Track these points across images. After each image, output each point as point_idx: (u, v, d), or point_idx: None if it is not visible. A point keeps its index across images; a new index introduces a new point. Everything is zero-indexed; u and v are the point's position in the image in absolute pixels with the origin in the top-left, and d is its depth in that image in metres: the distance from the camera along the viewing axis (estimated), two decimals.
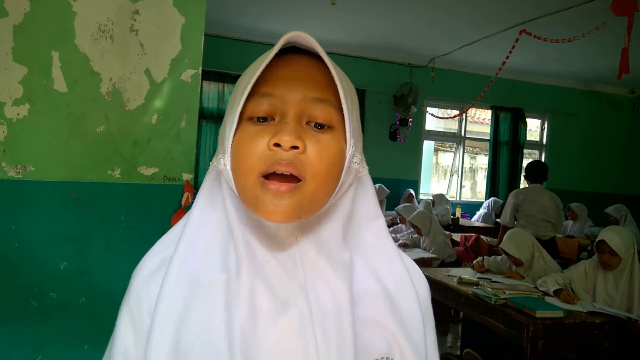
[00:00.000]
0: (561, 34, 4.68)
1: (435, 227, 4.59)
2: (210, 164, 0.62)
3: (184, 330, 0.56)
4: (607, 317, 2.62)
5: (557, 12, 4.62)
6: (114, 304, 0.62)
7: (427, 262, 4.22)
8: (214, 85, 6.11)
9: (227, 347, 0.54)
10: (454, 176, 7.75)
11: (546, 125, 7.98)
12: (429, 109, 7.20)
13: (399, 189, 6.75)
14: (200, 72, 2.21)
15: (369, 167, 0.64)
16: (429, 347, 0.63)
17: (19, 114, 1.93)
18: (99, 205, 2.07)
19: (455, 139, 7.72)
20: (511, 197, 4.36)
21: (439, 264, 4.37)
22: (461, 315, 3.75)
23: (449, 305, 3.52)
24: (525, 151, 7.76)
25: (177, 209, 2.17)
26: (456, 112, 7.16)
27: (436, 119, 7.52)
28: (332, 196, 0.57)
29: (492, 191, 7.47)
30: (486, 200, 7.29)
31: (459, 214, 6.58)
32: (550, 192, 4.31)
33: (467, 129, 7.76)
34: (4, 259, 1.93)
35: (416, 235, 4.69)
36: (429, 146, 8.14)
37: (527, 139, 7.70)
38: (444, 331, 4.07)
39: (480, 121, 8.70)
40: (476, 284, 3.09)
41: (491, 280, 3.22)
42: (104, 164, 2.07)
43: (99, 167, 2.06)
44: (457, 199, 7.62)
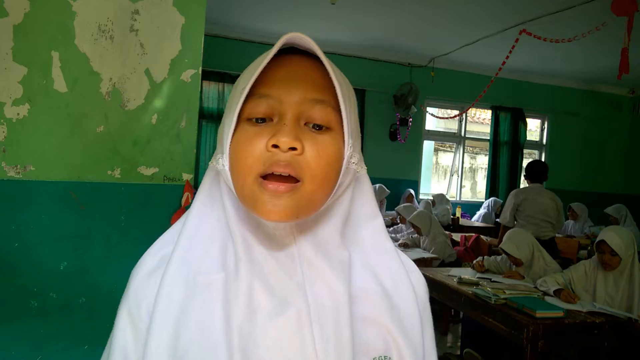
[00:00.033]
0: (561, 34, 4.68)
1: (435, 227, 4.59)
2: (209, 163, 0.62)
3: (182, 328, 0.56)
4: (607, 317, 2.62)
5: (557, 12, 4.62)
6: (114, 304, 0.62)
7: (427, 262, 4.22)
8: (214, 85, 6.11)
9: (225, 345, 0.54)
10: (454, 176, 7.75)
11: (546, 125, 7.98)
12: (429, 109, 7.20)
13: (399, 189, 6.75)
14: (200, 72, 2.21)
15: (369, 167, 0.64)
16: (427, 346, 0.64)
17: (18, 114, 1.93)
18: (99, 205, 2.07)
19: (455, 139, 7.72)
20: (511, 196, 4.34)
21: (439, 264, 4.37)
22: (461, 315, 3.75)
23: (449, 305, 3.52)
24: (525, 151, 7.76)
25: (177, 209, 2.17)
26: (456, 112, 7.16)
27: (436, 119, 7.52)
28: (330, 196, 0.58)
29: (492, 191, 7.47)
30: (486, 200, 7.30)
31: (459, 214, 6.58)
32: (550, 192, 4.30)
33: (467, 129, 7.76)
34: (4, 259, 1.93)
35: (416, 235, 4.69)
36: (429, 146, 8.14)
37: (527, 139, 7.70)
38: (444, 331, 4.07)
39: (480, 121, 8.71)
40: (476, 284, 3.09)
41: (491, 280, 3.22)
42: (104, 164, 2.06)
43: (98, 167, 2.06)
44: (457, 199, 7.62)
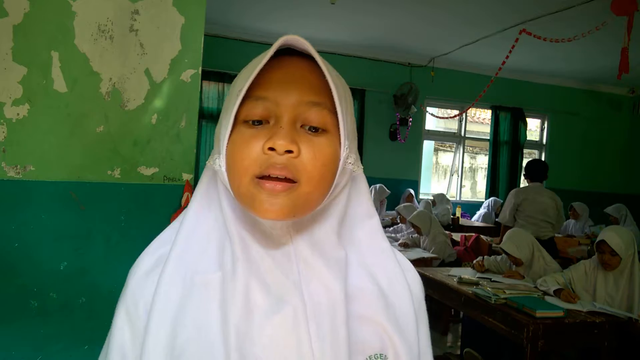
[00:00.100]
0: (561, 34, 4.68)
1: (435, 226, 4.60)
2: (206, 163, 0.63)
3: (180, 327, 0.56)
4: (607, 317, 2.62)
5: (557, 11, 4.62)
6: (114, 304, 0.62)
7: (427, 262, 4.22)
8: (213, 85, 6.11)
9: (222, 344, 0.55)
10: (454, 176, 7.75)
11: (546, 124, 7.98)
12: (429, 109, 7.20)
13: (399, 188, 6.75)
14: (200, 72, 2.21)
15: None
16: (422, 344, 0.64)
17: (18, 114, 1.93)
18: (99, 205, 2.07)
19: (455, 139, 7.71)
20: (511, 196, 4.33)
21: (439, 263, 4.37)
22: (461, 315, 3.75)
23: (449, 305, 3.52)
24: (525, 151, 7.76)
25: (177, 209, 2.17)
26: (456, 112, 7.16)
27: (436, 119, 7.52)
28: (326, 196, 0.58)
29: (492, 191, 7.48)
30: (486, 200, 7.30)
31: (459, 213, 6.58)
32: (550, 191, 4.30)
33: (467, 129, 7.76)
34: (4, 259, 1.93)
35: (416, 235, 4.70)
36: (429, 146, 8.14)
37: (527, 138, 7.69)
38: (444, 331, 4.07)
39: (480, 121, 8.71)
40: (476, 284, 3.09)
41: (491, 279, 3.22)
42: (104, 164, 2.07)
43: (98, 167, 2.06)
44: (457, 199, 7.62)
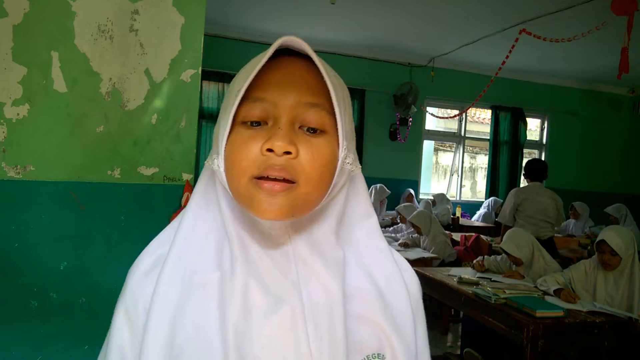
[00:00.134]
0: (561, 34, 4.68)
1: (435, 226, 4.60)
2: (204, 162, 0.63)
3: (178, 327, 0.56)
4: (608, 317, 2.62)
5: (557, 11, 4.62)
6: (114, 304, 0.62)
7: (427, 262, 4.22)
8: (213, 85, 6.11)
9: (221, 343, 0.55)
10: (454, 176, 7.75)
11: (546, 124, 7.98)
12: (429, 109, 7.20)
13: (399, 188, 6.75)
14: (200, 72, 2.21)
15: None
16: (420, 343, 0.64)
17: (18, 114, 1.93)
18: (99, 205, 2.07)
19: (455, 139, 7.72)
20: (511, 195, 4.33)
21: (439, 263, 4.37)
22: (461, 314, 3.75)
23: (449, 304, 3.52)
24: (525, 151, 7.76)
25: (177, 209, 2.17)
26: (456, 112, 7.16)
27: (436, 119, 7.52)
28: (325, 197, 0.58)
29: (492, 191, 7.48)
30: (486, 199, 7.30)
31: (459, 213, 6.58)
32: (550, 191, 4.30)
33: (467, 129, 7.76)
34: (4, 259, 1.93)
35: (416, 234, 4.70)
36: (429, 146, 8.14)
37: (527, 138, 7.69)
38: (444, 331, 4.07)
39: (480, 121, 8.71)
40: (476, 284, 3.09)
41: (491, 279, 3.22)
42: (104, 164, 2.06)
43: (98, 167, 2.06)
44: (457, 199, 7.62)
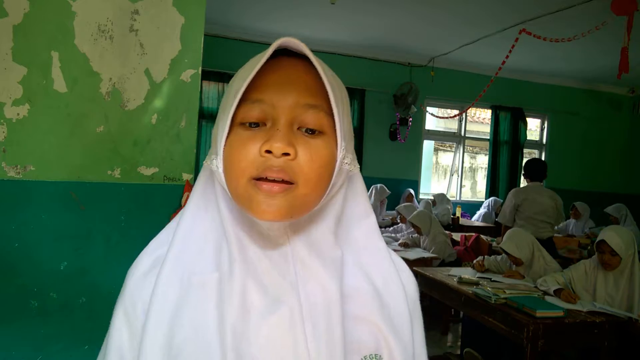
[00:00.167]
0: (561, 33, 4.68)
1: (435, 226, 4.59)
2: (203, 163, 0.63)
3: (177, 327, 0.57)
4: (608, 317, 2.62)
5: (557, 11, 4.62)
6: (114, 304, 0.62)
7: (427, 262, 4.22)
8: (213, 85, 6.11)
9: (219, 344, 0.55)
10: (454, 176, 7.75)
11: (546, 124, 7.98)
12: (429, 109, 7.20)
13: (399, 188, 6.74)
14: (200, 72, 2.21)
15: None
16: (417, 344, 0.65)
17: (18, 114, 1.92)
18: (99, 205, 2.07)
19: (455, 139, 7.71)
20: (511, 195, 4.32)
21: (439, 263, 4.37)
22: (461, 314, 3.75)
23: (449, 304, 3.52)
24: (525, 150, 7.76)
25: (177, 209, 2.17)
26: (456, 112, 7.16)
27: (436, 119, 7.52)
28: (323, 197, 0.58)
29: (492, 191, 7.48)
30: (486, 199, 7.29)
31: (459, 213, 6.58)
32: (550, 190, 4.30)
33: (467, 129, 7.76)
34: (4, 259, 1.93)
35: (416, 235, 4.69)
36: (429, 146, 8.14)
37: (527, 138, 7.69)
38: (444, 331, 4.07)
39: (480, 121, 8.70)
40: (476, 284, 3.09)
41: (491, 279, 3.22)
42: (104, 164, 2.06)
43: (98, 167, 2.06)
44: (457, 199, 7.62)
